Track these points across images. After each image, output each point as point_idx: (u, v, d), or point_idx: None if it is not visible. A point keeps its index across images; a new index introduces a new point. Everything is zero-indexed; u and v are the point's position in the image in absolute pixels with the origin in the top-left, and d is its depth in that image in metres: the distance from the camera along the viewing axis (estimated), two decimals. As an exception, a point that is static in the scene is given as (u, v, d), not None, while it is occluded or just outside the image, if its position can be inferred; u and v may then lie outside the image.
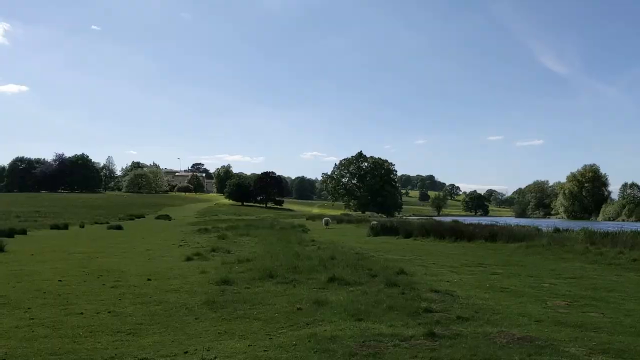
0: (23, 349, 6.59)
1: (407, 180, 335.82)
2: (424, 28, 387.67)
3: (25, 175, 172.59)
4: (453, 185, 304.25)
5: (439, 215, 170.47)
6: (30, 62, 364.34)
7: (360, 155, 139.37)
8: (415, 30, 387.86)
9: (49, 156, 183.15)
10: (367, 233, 32.16)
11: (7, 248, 19.27)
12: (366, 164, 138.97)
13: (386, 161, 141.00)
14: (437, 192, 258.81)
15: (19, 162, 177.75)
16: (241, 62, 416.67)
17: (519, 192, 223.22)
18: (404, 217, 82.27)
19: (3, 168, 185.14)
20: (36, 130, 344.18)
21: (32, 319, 8.25)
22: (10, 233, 27.74)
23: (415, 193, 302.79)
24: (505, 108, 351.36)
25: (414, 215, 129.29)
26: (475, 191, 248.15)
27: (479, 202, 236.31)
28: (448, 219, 49.90)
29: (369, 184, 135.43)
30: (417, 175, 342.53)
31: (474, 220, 46.61)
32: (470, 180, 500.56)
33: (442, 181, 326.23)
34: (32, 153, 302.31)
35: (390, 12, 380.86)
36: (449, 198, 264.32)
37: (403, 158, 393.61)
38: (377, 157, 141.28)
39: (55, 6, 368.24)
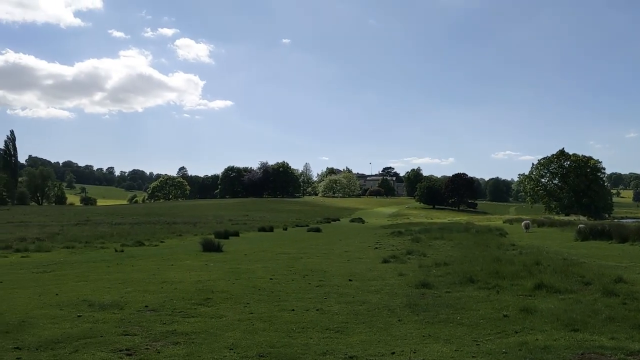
0: (246, 340, 7.23)
1: (618, 179, 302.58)
2: (630, 4, 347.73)
3: (235, 182, 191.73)
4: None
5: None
6: (232, 78, 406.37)
7: (562, 153, 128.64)
8: (616, 7, 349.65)
9: (254, 164, 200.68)
10: (574, 237, 29.58)
11: (224, 249, 21.42)
12: (569, 163, 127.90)
13: (591, 158, 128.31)
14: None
15: (230, 171, 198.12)
16: (428, 62, 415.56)
17: None
18: (616, 220, 74.14)
19: (217, 177, 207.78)
20: (242, 141, 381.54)
21: (251, 313, 9.03)
22: (226, 235, 30.97)
23: (628, 193, 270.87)
24: None
25: (628, 217, 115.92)
26: None
27: None
28: (672, 221, 43.70)
29: (572, 184, 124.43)
30: (630, 173, 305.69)
31: None
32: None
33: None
34: (240, 162, 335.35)
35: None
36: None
37: (612, 154, 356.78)
38: (580, 154, 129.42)
39: (249, 24, 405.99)
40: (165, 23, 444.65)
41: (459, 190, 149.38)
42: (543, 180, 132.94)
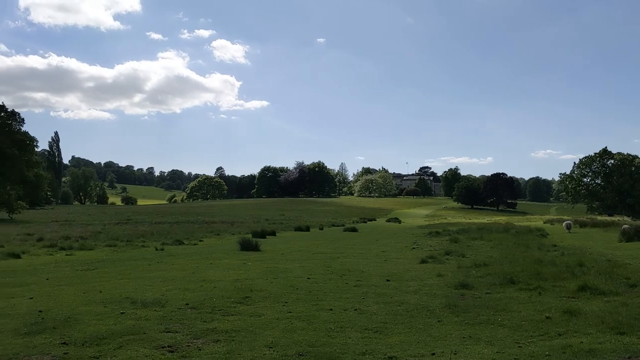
0: (285, 339, 7.27)
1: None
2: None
3: (271, 182, 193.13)
4: None
5: None
6: (268, 79, 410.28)
7: (604, 151, 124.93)
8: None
9: (290, 164, 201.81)
10: (618, 238, 28.67)
11: (262, 248, 21.60)
12: (612, 162, 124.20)
13: (637, 157, 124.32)
14: None
15: (266, 171, 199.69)
16: (465, 61, 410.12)
17: None
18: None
19: (253, 177, 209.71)
20: (278, 141, 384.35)
21: (290, 312, 9.07)
22: (263, 234, 31.22)
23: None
24: None
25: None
26: None
27: None
28: None
29: (615, 183, 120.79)
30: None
31: None
32: None
33: None
34: (276, 162, 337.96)
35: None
36: None
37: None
38: (625, 153, 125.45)
39: (284, 24, 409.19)
40: (201, 24, 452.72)
41: (498, 190, 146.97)
42: (585, 179, 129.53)
